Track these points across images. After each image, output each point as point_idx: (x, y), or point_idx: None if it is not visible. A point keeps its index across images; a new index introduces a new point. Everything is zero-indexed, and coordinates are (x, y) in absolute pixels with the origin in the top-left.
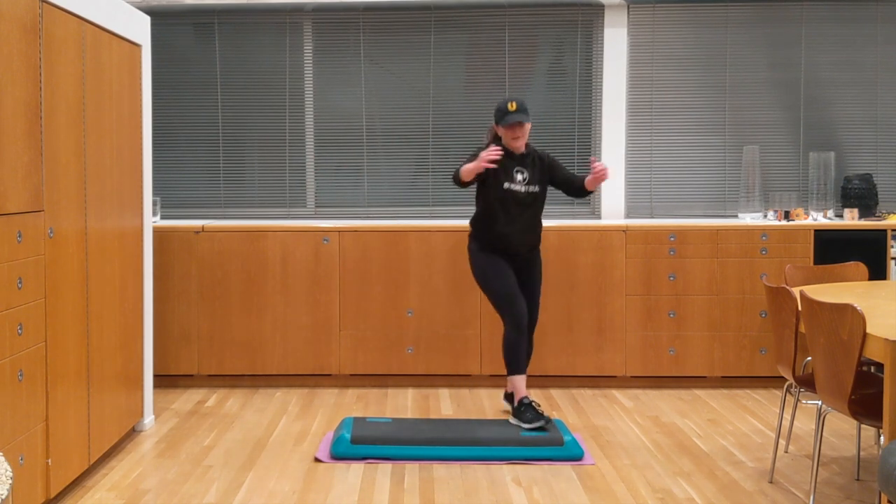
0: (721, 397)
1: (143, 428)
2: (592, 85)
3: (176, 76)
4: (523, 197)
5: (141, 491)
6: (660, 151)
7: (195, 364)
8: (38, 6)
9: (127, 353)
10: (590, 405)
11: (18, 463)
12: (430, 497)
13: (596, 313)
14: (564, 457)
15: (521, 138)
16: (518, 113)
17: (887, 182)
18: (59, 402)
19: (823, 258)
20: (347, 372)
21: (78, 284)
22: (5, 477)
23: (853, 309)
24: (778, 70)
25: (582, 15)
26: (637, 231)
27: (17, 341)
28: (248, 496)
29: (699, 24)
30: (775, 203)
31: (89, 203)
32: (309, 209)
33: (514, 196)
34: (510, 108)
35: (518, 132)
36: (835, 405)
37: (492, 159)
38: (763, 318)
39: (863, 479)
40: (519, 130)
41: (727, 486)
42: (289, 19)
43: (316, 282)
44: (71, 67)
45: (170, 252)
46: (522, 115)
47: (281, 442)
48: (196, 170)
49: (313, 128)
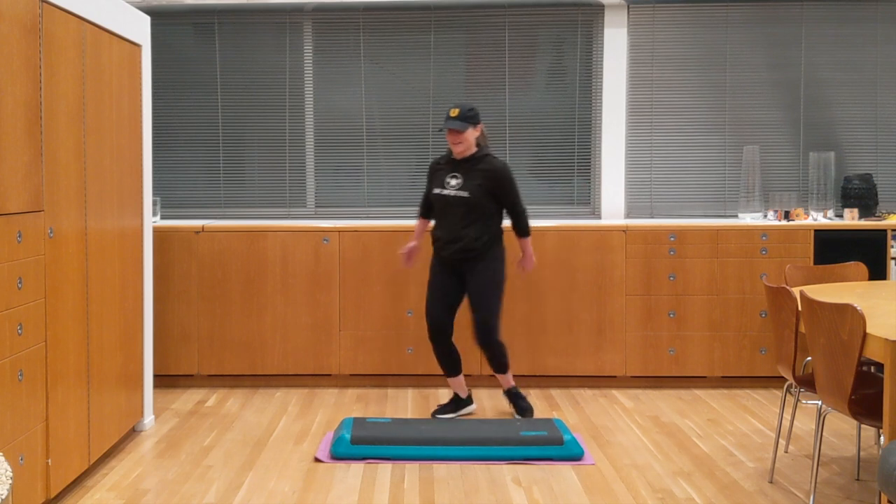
0: (721, 397)
1: (143, 428)
2: (592, 85)
3: (176, 76)
4: (451, 200)
5: (141, 491)
6: (660, 151)
7: (195, 364)
8: (38, 6)
9: (127, 353)
10: (590, 405)
11: (18, 463)
12: (430, 497)
13: (596, 313)
14: (564, 456)
15: (459, 144)
16: (449, 120)
17: (887, 182)
18: (59, 402)
19: (823, 258)
20: (347, 372)
21: (78, 284)
22: (5, 477)
23: (853, 309)
24: (778, 70)
25: (582, 15)
26: (637, 231)
27: (17, 341)
28: (248, 496)
29: (699, 24)
30: (775, 203)
31: (89, 203)
32: (309, 209)
33: (442, 200)
34: (450, 113)
35: (452, 139)
36: (835, 405)
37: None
38: (763, 318)
39: (863, 479)
40: (452, 137)
41: (727, 486)
42: (289, 19)
43: (316, 282)
44: (71, 67)
45: (170, 252)
46: (452, 123)
47: (281, 442)
48: (196, 170)
49: (313, 128)
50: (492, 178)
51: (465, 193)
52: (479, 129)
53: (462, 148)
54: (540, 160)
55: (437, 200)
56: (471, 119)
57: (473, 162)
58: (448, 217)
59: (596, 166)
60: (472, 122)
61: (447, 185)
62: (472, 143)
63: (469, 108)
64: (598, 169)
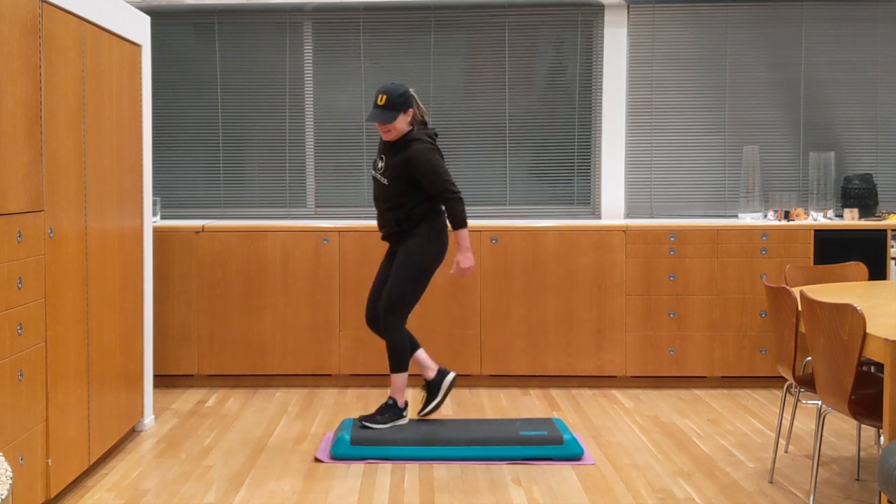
0: (721, 397)
1: (143, 428)
2: (592, 85)
3: (176, 76)
4: (377, 184)
5: (141, 491)
6: (660, 151)
7: (195, 364)
8: (38, 6)
9: (127, 353)
10: (590, 405)
11: (18, 463)
12: (430, 497)
13: (596, 313)
14: (564, 456)
15: (388, 133)
16: (375, 110)
17: (887, 182)
18: (59, 402)
19: (823, 258)
20: (347, 372)
21: (78, 284)
22: (5, 477)
23: (853, 309)
24: (778, 70)
25: (582, 15)
26: (637, 231)
27: (17, 341)
28: (248, 496)
29: (699, 24)
30: (775, 203)
31: (89, 203)
32: (309, 209)
33: (373, 183)
34: (377, 100)
35: (380, 128)
36: (835, 405)
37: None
38: (763, 318)
39: (863, 479)
40: (380, 126)
41: (727, 486)
42: (289, 19)
43: (316, 282)
44: (71, 67)
45: (170, 252)
46: (378, 116)
47: (281, 442)
48: (196, 170)
49: (313, 128)
50: (408, 162)
51: (384, 179)
52: (411, 112)
53: (391, 136)
54: (540, 160)
55: (372, 181)
56: (400, 106)
57: (398, 147)
58: (377, 201)
59: (596, 166)
60: (400, 110)
61: (376, 168)
62: (403, 129)
63: (399, 94)
64: (598, 169)
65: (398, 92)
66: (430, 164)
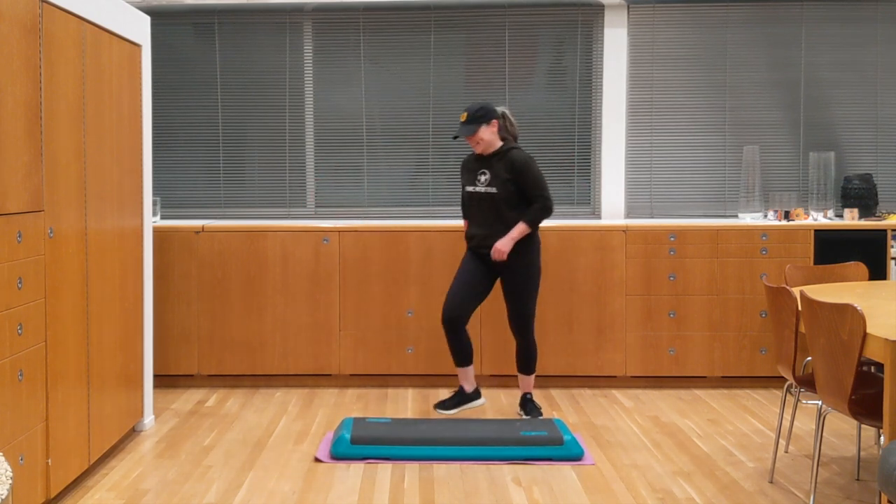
0: (721, 397)
1: (143, 428)
2: (592, 85)
3: (176, 76)
4: (481, 196)
5: (141, 491)
6: (660, 151)
7: (195, 364)
8: (38, 6)
9: (127, 353)
10: (590, 405)
11: (18, 463)
12: (430, 497)
13: (596, 313)
14: (564, 456)
15: (477, 145)
16: (460, 127)
17: (887, 182)
18: (59, 402)
19: (823, 258)
20: (347, 372)
21: (78, 284)
22: (5, 477)
23: (853, 309)
24: (778, 70)
25: (582, 15)
26: (637, 231)
27: (17, 341)
28: (248, 496)
29: (699, 24)
30: (775, 203)
31: (89, 203)
32: (309, 209)
33: (474, 197)
34: (461, 119)
35: (470, 142)
36: (835, 405)
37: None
38: (763, 318)
39: (863, 479)
40: (470, 140)
41: (727, 486)
42: (289, 19)
43: (316, 282)
44: (71, 67)
45: (170, 252)
46: (461, 130)
47: (281, 442)
48: (196, 170)
49: (313, 128)
50: (512, 170)
51: (493, 189)
52: (496, 123)
53: (482, 147)
54: (540, 160)
55: (469, 198)
56: (480, 119)
57: (498, 157)
58: (481, 214)
59: (596, 166)
60: (482, 122)
61: (478, 182)
62: (492, 140)
63: (477, 109)
64: (598, 169)
65: (477, 106)
66: (531, 169)
